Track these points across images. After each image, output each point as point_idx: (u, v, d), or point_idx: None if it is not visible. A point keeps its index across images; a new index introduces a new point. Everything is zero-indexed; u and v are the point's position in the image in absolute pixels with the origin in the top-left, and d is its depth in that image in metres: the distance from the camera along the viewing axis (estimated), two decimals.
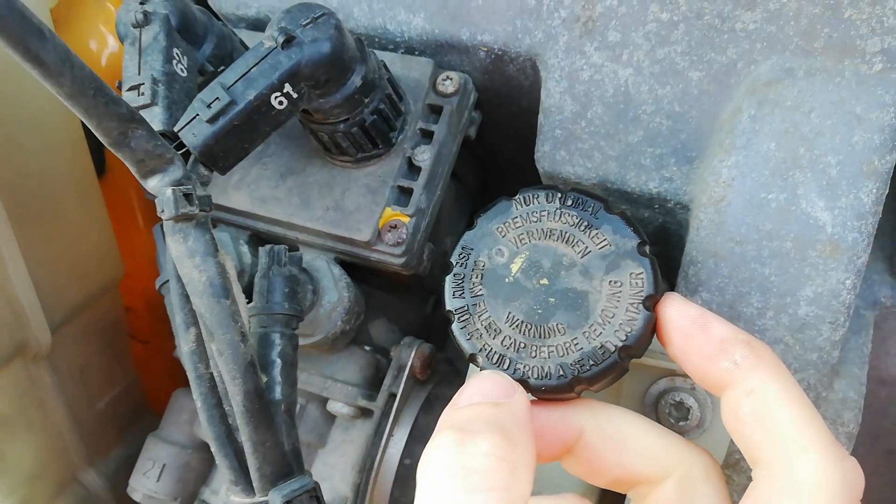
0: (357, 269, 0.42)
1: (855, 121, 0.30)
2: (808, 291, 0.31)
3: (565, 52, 0.35)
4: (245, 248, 0.41)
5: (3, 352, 0.40)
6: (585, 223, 0.26)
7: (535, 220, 0.27)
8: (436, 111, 0.38)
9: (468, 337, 0.27)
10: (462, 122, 0.40)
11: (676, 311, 0.25)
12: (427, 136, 0.38)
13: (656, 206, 0.37)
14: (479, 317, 0.27)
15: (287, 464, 0.32)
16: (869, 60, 0.30)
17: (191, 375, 0.33)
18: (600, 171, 0.36)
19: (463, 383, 0.43)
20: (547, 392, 0.26)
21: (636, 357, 0.26)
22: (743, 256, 0.31)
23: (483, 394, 0.24)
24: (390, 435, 0.40)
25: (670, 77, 0.33)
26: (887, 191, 0.30)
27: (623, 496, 0.36)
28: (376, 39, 0.40)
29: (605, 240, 0.26)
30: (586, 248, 0.26)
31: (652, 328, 0.26)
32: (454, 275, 0.28)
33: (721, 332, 0.24)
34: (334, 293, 0.39)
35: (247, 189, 0.40)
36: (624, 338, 0.25)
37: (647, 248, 0.26)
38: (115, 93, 0.28)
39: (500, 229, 0.27)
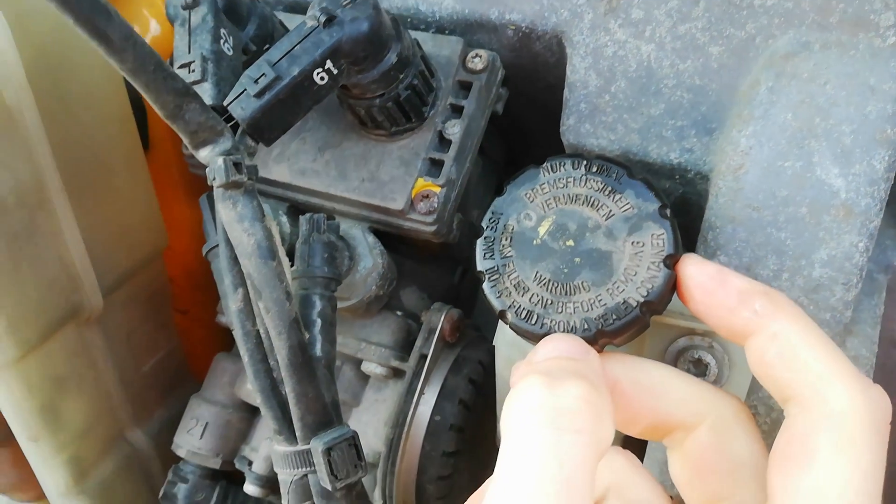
0: (389, 240, 0.45)
1: (869, 91, 0.31)
2: (822, 254, 0.32)
3: (590, 29, 0.37)
4: (284, 219, 0.43)
5: (60, 313, 0.43)
6: (610, 188, 0.28)
7: (561, 185, 0.29)
8: (465, 87, 0.40)
9: (498, 295, 0.29)
10: (490, 97, 0.41)
11: (696, 269, 0.27)
12: (457, 110, 0.40)
13: (677, 176, 0.39)
14: (509, 276, 0.29)
15: (327, 414, 0.34)
16: (883, 34, 0.31)
17: (238, 333, 0.35)
18: (623, 143, 0.38)
19: (489, 347, 0.45)
20: None
21: (657, 313, 0.28)
22: (760, 221, 0.33)
23: (559, 350, 0.25)
24: (421, 393, 0.42)
25: (691, 52, 0.35)
26: None
27: (643, 446, 0.38)
28: (409, 19, 0.42)
29: (628, 203, 0.28)
30: (610, 211, 0.28)
31: (672, 285, 0.28)
32: (485, 238, 0.29)
33: (739, 284, 0.26)
34: (369, 259, 0.41)
35: (287, 162, 0.42)
36: (645, 293, 0.27)
37: (668, 212, 0.28)
38: (172, 69, 0.30)
39: (528, 195, 0.29)
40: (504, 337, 0.37)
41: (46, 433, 0.45)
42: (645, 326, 0.28)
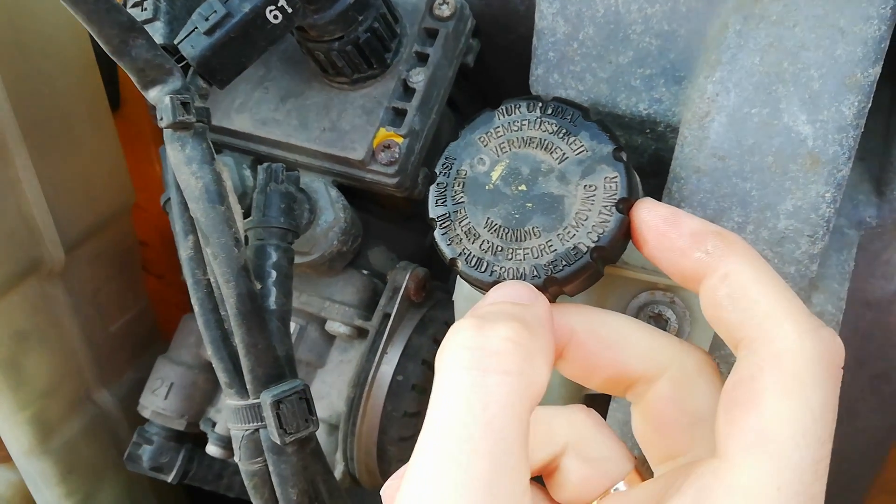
0: (359, 199, 0.44)
1: (838, 34, 0.30)
2: (788, 205, 0.31)
3: None
4: (248, 172, 0.42)
5: (19, 266, 0.42)
6: (564, 130, 0.27)
7: (515, 128, 0.28)
8: (432, 35, 0.39)
9: (448, 242, 0.28)
10: (459, 47, 0.40)
11: (648, 212, 0.26)
12: (422, 58, 0.38)
13: (647, 130, 0.37)
14: (460, 223, 0.28)
15: (279, 367, 0.34)
16: None
17: (189, 281, 0.34)
18: (592, 94, 0.37)
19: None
20: None
21: (610, 261, 0.27)
22: (725, 171, 0.32)
23: (505, 296, 0.25)
24: (384, 352, 0.41)
25: None
26: (870, 104, 0.30)
27: (607, 403, 0.37)
28: None
29: (582, 146, 0.27)
30: (564, 154, 0.27)
31: (625, 231, 0.26)
32: (437, 184, 0.28)
33: (692, 225, 0.25)
34: (331, 213, 0.40)
35: (248, 112, 0.41)
36: (596, 238, 0.26)
37: (623, 154, 0.27)
38: (116, 1, 0.29)
39: (482, 139, 0.28)
40: (462, 291, 0.36)
41: (7, 389, 0.44)
42: (597, 275, 0.27)
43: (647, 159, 0.40)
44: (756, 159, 0.31)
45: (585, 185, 0.27)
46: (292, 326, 0.45)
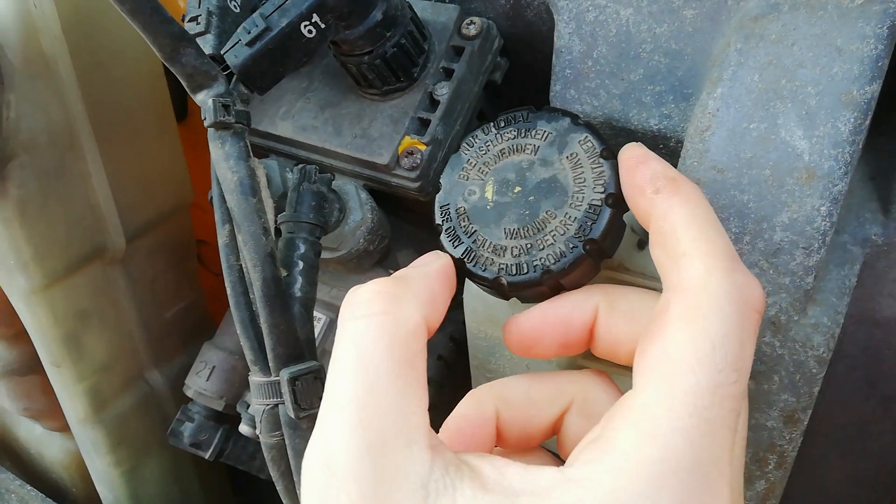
0: (392, 204, 0.47)
1: (835, 52, 0.31)
2: (784, 217, 0.32)
3: None
4: (289, 174, 0.46)
5: (84, 250, 0.47)
6: (524, 130, 0.30)
7: (483, 152, 0.31)
8: (458, 52, 0.42)
9: (483, 269, 0.29)
10: (485, 64, 0.43)
11: (627, 152, 0.27)
12: (448, 73, 0.41)
13: (660, 145, 0.39)
14: (483, 247, 0.29)
15: (299, 348, 0.36)
16: None
17: (223, 265, 0.38)
18: (606, 109, 0.39)
19: None
20: (571, 269, 0.27)
21: (625, 206, 0.28)
22: (724, 183, 0.33)
23: (415, 263, 0.28)
24: None
25: (667, 15, 0.35)
26: (868, 121, 0.31)
27: None
28: None
29: (545, 131, 0.29)
30: (535, 146, 0.29)
31: None
32: (445, 231, 0.30)
33: (655, 167, 0.26)
34: (359, 213, 0.43)
35: (291, 120, 0.45)
36: (602, 189, 0.27)
37: (581, 119, 0.29)
38: (170, 14, 0.34)
39: (461, 176, 0.31)
40: (470, 290, 0.38)
41: (68, 360, 0.49)
42: (621, 224, 0.29)
43: None
44: (754, 172, 0.32)
45: (567, 156, 0.29)
46: (322, 319, 0.49)
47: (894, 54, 0.31)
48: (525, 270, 0.28)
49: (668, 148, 0.39)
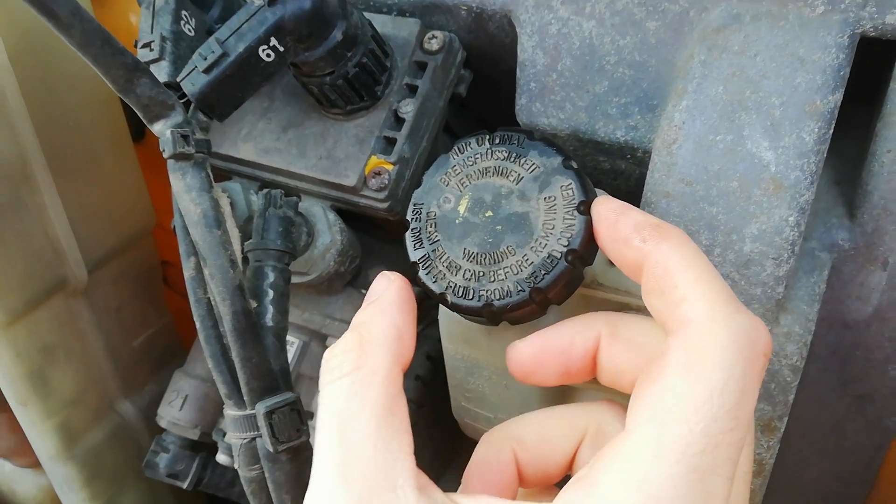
0: (359, 221, 0.46)
1: (798, 63, 0.31)
2: (753, 229, 0.32)
3: (534, 7, 0.37)
4: (254, 197, 0.44)
5: (45, 284, 0.45)
6: (514, 154, 0.29)
7: (470, 163, 0.30)
8: (422, 67, 0.41)
9: (434, 280, 0.29)
10: (449, 78, 0.42)
11: (603, 206, 0.27)
12: (412, 90, 0.41)
13: (628, 155, 0.39)
14: (440, 259, 0.29)
15: (273, 380, 0.36)
16: (811, 3, 0.31)
17: (191, 299, 0.37)
18: (572, 122, 0.38)
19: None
20: (513, 309, 0.28)
21: (585, 262, 0.28)
22: (692, 196, 0.33)
23: (370, 293, 0.28)
24: None
25: (629, 27, 0.35)
26: (831, 131, 0.31)
27: None
28: (370, 1, 0.43)
29: (533, 164, 0.29)
30: (519, 175, 0.29)
31: (591, 230, 0.28)
32: (412, 230, 0.30)
33: (636, 217, 0.26)
34: (328, 236, 0.42)
35: (253, 141, 0.44)
36: (566, 243, 0.27)
37: (573, 163, 0.29)
38: (122, 45, 0.32)
39: (442, 180, 0.30)
40: (446, 311, 0.38)
41: (35, 398, 0.48)
42: (578, 278, 0.29)
43: (635, 183, 0.41)
44: (722, 184, 0.32)
45: (545, 198, 0.28)
46: (296, 343, 0.48)
47: (854, 59, 0.31)
48: (470, 297, 0.28)
49: (635, 158, 0.39)
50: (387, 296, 0.27)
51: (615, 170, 0.41)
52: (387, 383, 0.24)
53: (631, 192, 0.42)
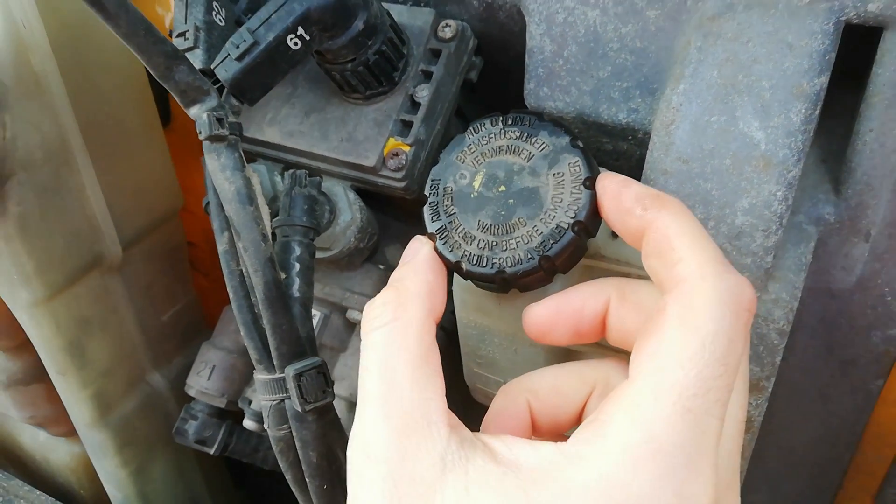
0: (377, 201, 0.49)
1: (787, 48, 0.33)
2: (744, 203, 0.35)
3: None
4: (278, 178, 0.47)
5: (84, 260, 0.48)
6: (526, 134, 0.32)
7: (485, 142, 0.33)
8: (436, 55, 0.44)
9: (450, 249, 0.32)
10: (462, 65, 0.45)
11: (607, 180, 0.30)
12: (427, 76, 0.43)
13: (629, 136, 0.41)
14: (456, 230, 0.32)
15: (301, 345, 0.39)
16: None
17: (224, 271, 0.40)
18: (577, 105, 0.41)
19: None
20: (523, 276, 0.31)
21: (590, 233, 0.31)
22: (688, 173, 0.36)
23: (404, 255, 0.31)
24: None
25: (631, 16, 0.38)
26: (817, 111, 0.33)
27: None
28: None
29: (543, 143, 0.31)
30: (530, 153, 0.31)
31: (595, 203, 0.30)
32: (429, 204, 0.33)
33: (638, 189, 0.28)
34: (349, 214, 0.45)
35: (278, 125, 0.46)
36: (573, 215, 0.30)
37: (579, 142, 0.31)
38: (162, 34, 0.35)
39: (458, 157, 0.33)
40: (459, 281, 0.41)
41: (73, 368, 0.51)
42: (582, 248, 0.31)
43: (636, 164, 0.44)
44: (715, 162, 0.35)
45: (554, 174, 0.31)
46: (318, 315, 0.51)
47: (840, 44, 0.34)
48: (483, 264, 0.31)
49: (636, 139, 0.41)
50: (420, 256, 0.30)
51: (617, 151, 0.44)
52: (422, 332, 0.27)
53: (632, 173, 0.44)
